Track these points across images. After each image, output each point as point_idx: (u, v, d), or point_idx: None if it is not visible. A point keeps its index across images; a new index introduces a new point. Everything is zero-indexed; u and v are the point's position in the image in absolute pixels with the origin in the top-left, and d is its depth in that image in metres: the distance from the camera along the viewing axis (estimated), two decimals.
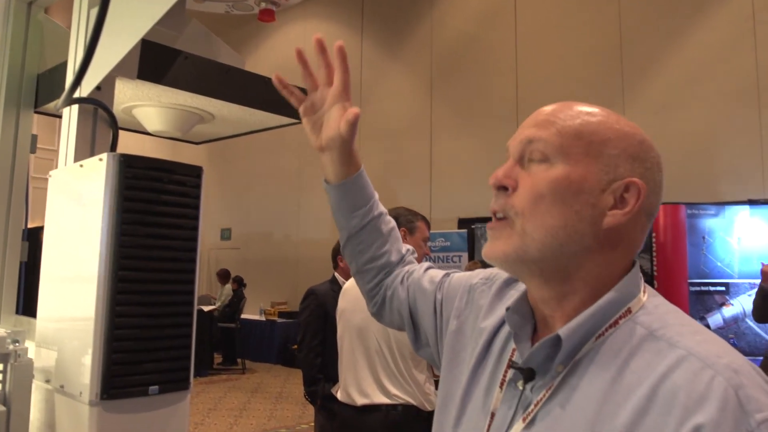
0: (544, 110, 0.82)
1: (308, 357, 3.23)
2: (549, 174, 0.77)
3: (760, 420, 0.61)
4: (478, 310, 0.97)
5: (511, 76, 9.13)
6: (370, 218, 1.12)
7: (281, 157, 11.79)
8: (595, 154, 0.77)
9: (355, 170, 1.08)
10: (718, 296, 5.85)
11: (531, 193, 0.77)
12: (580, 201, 0.76)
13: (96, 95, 1.62)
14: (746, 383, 0.63)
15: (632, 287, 0.77)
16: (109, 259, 1.32)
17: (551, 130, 0.78)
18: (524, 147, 0.80)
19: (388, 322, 1.17)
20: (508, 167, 0.81)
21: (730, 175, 6.98)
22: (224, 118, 2.23)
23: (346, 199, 1.10)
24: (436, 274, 1.11)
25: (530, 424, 0.75)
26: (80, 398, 1.33)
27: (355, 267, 1.16)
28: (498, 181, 0.80)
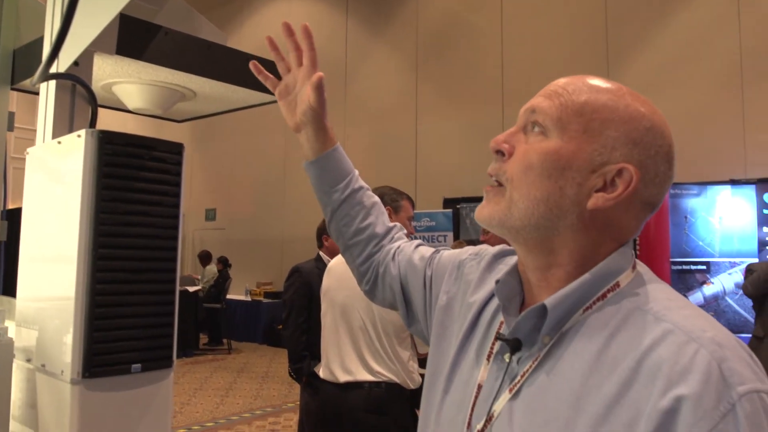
0: (559, 81, 0.81)
1: (294, 334, 3.23)
2: (542, 146, 0.77)
3: (742, 392, 0.61)
4: (466, 286, 0.97)
5: (496, 56, 9.10)
6: (350, 191, 1.14)
7: (266, 137, 11.70)
8: (593, 133, 0.76)
9: (331, 145, 1.12)
10: (699, 275, 5.94)
11: (522, 161, 0.78)
12: (565, 177, 0.75)
13: (74, 71, 1.59)
14: (730, 357, 0.64)
15: (622, 262, 0.77)
16: (89, 238, 1.30)
17: (555, 102, 0.78)
18: (528, 116, 0.80)
19: (380, 299, 1.17)
20: (510, 133, 0.81)
21: (713, 156, 7.05)
22: (206, 95, 2.20)
23: (325, 174, 1.13)
24: (427, 250, 1.12)
25: (516, 395, 0.75)
26: (62, 377, 1.32)
27: (342, 243, 1.18)
28: (497, 145, 0.81)
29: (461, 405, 0.84)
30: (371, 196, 1.18)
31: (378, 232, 1.16)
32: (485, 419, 0.78)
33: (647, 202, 0.78)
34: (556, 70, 0.86)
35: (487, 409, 0.78)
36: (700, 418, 0.60)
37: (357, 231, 1.15)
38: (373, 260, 1.15)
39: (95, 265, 1.30)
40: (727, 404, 0.61)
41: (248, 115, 10.35)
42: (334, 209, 1.15)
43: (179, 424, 5.69)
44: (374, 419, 2.40)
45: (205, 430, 5.57)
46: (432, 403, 0.91)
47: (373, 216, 1.16)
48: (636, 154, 0.76)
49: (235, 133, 12.41)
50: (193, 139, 12.96)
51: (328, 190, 1.14)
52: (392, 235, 1.18)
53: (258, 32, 12.13)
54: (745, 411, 0.60)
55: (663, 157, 0.78)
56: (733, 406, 0.61)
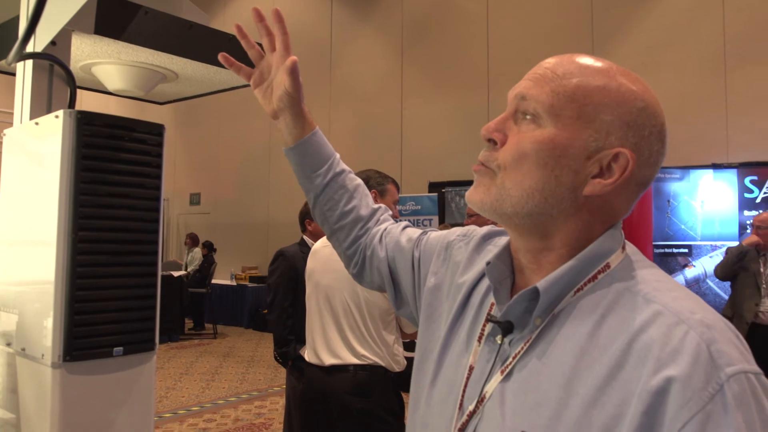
0: (547, 62, 0.79)
1: (279, 318, 3.22)
2: (535, 134, 0.75)
3: (730, 373, 0.62)
4: (455, 267, 0.97)
5: (482, 39, 9.07)
6: (332, 175, 1.13)
7: (251, 121, 11.60)
8: (587, 119, 0.74)
9: (310, 130, 1.11)
10: (681, 258, 6.01)
11: (515, 150, 0.76)
12: (561, 165, 0.74)
13: (51, 51, 1.56)
14: (718, 338, 0.65)
15: (612, 243, 0.77)
16: (68, 220, 1.28)
17: (545, 89, 0.75)
18: (518, 102, 0.78)
19: (368, 282, 1.17)
20: (500, 120, 0.79)
21: (695, 140, 7.10)
22: (188, 76, 2.18)
23: (306, 159, 1.12)
24: (414, 232, 1.11)
25: (508, 377, 0.76)
26: (42, 360, 1.31)
27: (328, 228, 1.17)
28: (488, 134, 0.79)
29: (452, 386, 0.84)
30: (354, 178, 1.17)
31: (363, 214, 1.15)
32: (477, 400, 0.78)
33: (641, 182, 0.78)
34: (542, 53, 0.84)
35: (479, 391, 0.78)
36: (689, 399, 0.61)
37: (342, 215, 1.14)
38: (360, 243, 1.14)
39: (75, 247, 1.29)
40: (715, 385, 0.61)
41: (232, 98, 10.29)
42: (317, 194, 1.14)
43: (165, 409, 5.69)
44: (359, 402, 2.41)
45: (191, 414, 5.57)
46: (422, 384, 0.91)
47: (357, 199, 1.15)
48: (631, 137, 0.74)
49: (219, 116, 12.29)
50: (177, 122, 12.82)
51: (309, 176, 1.13)
52: (378, 217, 1.17)
53: (242, 14, 11.97)
54: (733, 391, 0.61)
55: (656, 136, 0.76)
56: (721, 387, 0.61)
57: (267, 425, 5.22)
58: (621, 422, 0.64)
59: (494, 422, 0.74)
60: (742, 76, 6.98)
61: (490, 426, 0.75)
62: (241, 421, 5.38)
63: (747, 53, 6.98)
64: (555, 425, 0.68)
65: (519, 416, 0.72)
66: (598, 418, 0.65)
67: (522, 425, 0.70)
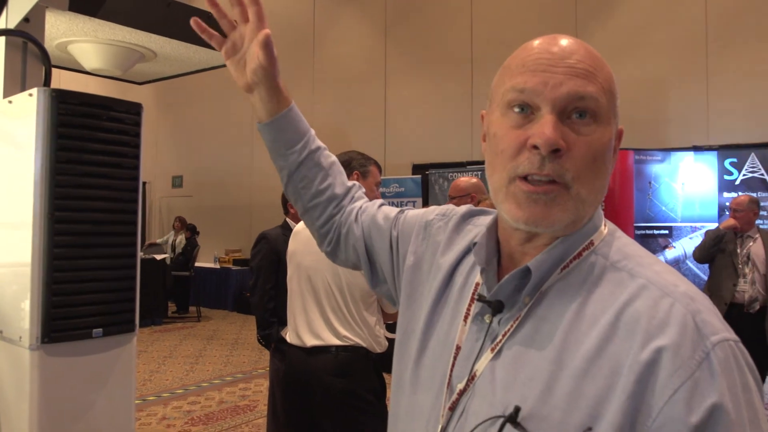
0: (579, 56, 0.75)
1: (261, 301, 3.22)
2: (602, 136, 0.74)
3: (715, 341, 0.66)
4: (435, 246, 0.97)
5: (465, 20, 9.02)
6: (308, 152, 1.11)
7: (233, 102, 11.47)
8: (615, 110, 0.78)
9: (286, 105, 1.08)
10: (662, 239, 6.08)
11: (587, 156, 0.73)
12: (611, 159, 0.77)
13: (24, 28, 1.52)
14: (702, 309, 0.68)
15: (596, 221, 0.79)
16: (44, 201, 1.26)
17: (597, 86, 0.74)
18: (571, 102, 0.73)
19: (343, 260, 1.15)
20: (556, 125, 0.72)
21: (677, 122, 7.16)
22: (167, 55, 2.14)
23: (281, 136, 1.09)
24: (390, 210, 1.10)
25: (498, 354, 0.76)
26: (20, 343, 1.30)
27: (301, 207, 1.15)
28: (553, 144, 0.71)
29: (438, 365, 0.84)
30: (329, 155, 1.15)
31: (338, 192, 1.13)
32: (467, 379, 0.78)
33: None
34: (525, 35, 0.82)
35: (469, 369, 0.78)
36: (678, 367, 0.64)
37: (316, 193, 1.12)
38: (334, 221, 1.13)
39: (52, 229, 1.27)
40: (702, 353, 0.65)
41: (215, 79, 10.15)
42: (291, 172, 1.11)
43: (149, 392, 5.68)
44: (341, 383, 2.42)
45: (175, 397, 5.57)
46: (405, 363, 0.91)
47: (332, 177, 1.13)
48: (618, 112, 0.79)
49: (201, 98, 12.14)
50: (159, 104, 12.65)
51: (284, 153, 1.10)
52: (352, 194, 1.16)
53: None
54: (718, 358, 0.65)
55: None
56: (707, 355, 0.65)
57: (251, 407, 5.23)
58: (612, 392, 0.66)
59: (486, 399, 0.75)
60: (724, 58, 7.03)
61: (482, 402, 0.75)
62: (226, 403, 5.39)
63: (728, 35, 7.02)
64: (547, 397, 0.69)
65: (511, 391, 0.73)
66: (590, 388, 0.67)
67: (515, 399, 0.71)
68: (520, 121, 0.74)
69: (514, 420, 0.69)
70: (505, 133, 0.75)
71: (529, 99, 0.74)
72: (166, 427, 4.74)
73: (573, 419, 0.67)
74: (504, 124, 0.76)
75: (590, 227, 0.78)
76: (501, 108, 0.77)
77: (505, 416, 0.70)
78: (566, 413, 0.68)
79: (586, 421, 0.66)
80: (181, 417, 5.00)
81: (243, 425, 4.80)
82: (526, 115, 0.74)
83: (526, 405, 0.70)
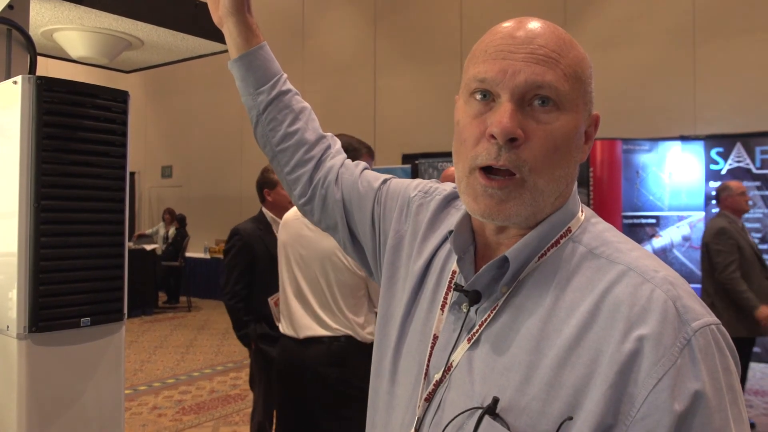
0: (540, 40, 0.72)
1: (231, 302, 3.16)
2: (563, 124, 0.72)
3: (696, 327, 0.65)
4: (416, 227, 0.95)
5: (455, 10, 8.99)
6: (277, 93, 1.08)
7: (223, 92, 11.39)
8: (584, 94, 0.75)
9: (256, 43, 1.07)
10: (649, 228, 6.12)
11: (546, 146, 0.71)
12: (577, 146, 0.75)
13: (8, 15, 1.50)
14: (683, 294, 0.67)
15: (573, 207, 0.78)
16: (30, 190, 1.25)
17: (558, 73, 0.71)
18: (529, 90, 0.71)
19: (317, 221, 1.11)
20: (512, 114, 0.70)
21: (664, 111, 7.19)
22: (154, 44, 2.12)
23: (250, 73, 1.07)
24: (374, 179, 1.06)
25: (475, 345, 0.75)
26: (7, 332, 1.29)
27: (270, 151, 1.11)
28: (510, 133, 0.69)
29: (416, 355, 0.83)
30: (300, 101, 1.11)
31: (308, 138, 1.09)
32: (443, 369, 0.77)
33: None
34: None
35: (445, 360, 0.78)
36: (661, 356, 0.64)
37: (285, 136, 1.08)
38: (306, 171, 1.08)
39: (39, 218, 1.26)
40: (683, 340, 0.64)
41: (204, 68, 9.98)
42: (259, 112, 1.08)
43: (140, 382, 5.67)
44: (335, 372, 2.44)
45: (166, 386, 5.57)
46: (384, 350, 0.90)
47: (302, 121, 1.09)
48: (593, 97, 0.77)
49: (190, 87, 12.06)
50: (148, 94, 12.55)
51: (252, 92, 1.08)
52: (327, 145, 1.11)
53: None
54: (699, 344, 0.64)
55: None
56: (688, 341, 0.64)
57: (242, 396, 5.24)
58: (592, 381, 0.65)
59: (463, 389, 0.74)
60: (711, 48, 7.06)
61: (459, 394, 0.74)
62: (217, 392, 5.40)
63: (716, 26, 7.04)
64: (525, 387, 0.68)
65: (489, 382, 0.72)
66: (569, 378, 0.66)
67: (492, 390, 0.70)
68: (482, 108, 0.73)
69: (492, 412, 0.68)
70: (468, 122, 0.75)
71: (489, 87, 0.72)
72: (157, 417, 4.75)
73: (552, 409, 0.66)
74: (467, 112, 0.75)
75: (567, 214, 0.77)
76: (464, 95, 0.76)
77: (483, 408, 0.69)
78: (545, 403, 0.66)
79: (566, 411, 0.65)
80: (172, 406, 5.01)
81: (234, 414, 4.82)
82: (488, 102, 0.73)
83: (505, 396, 0.69)
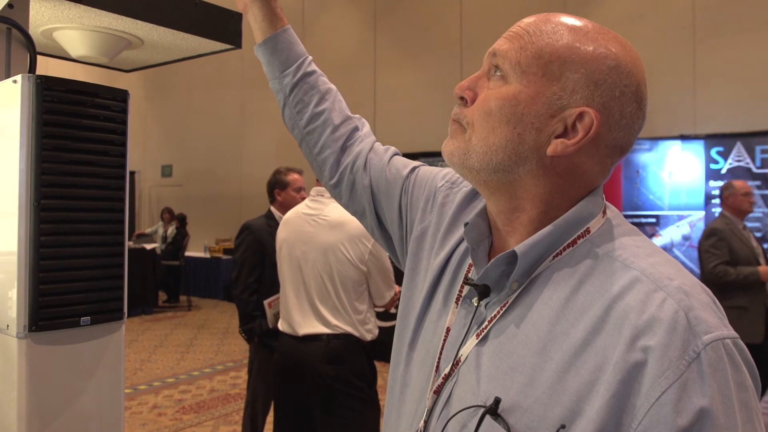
0: (523, 22, 0.78)
1: (243, 295, 3.19)
2: (501, 91, 0.74)
3: (707, 341, 0.62)
4: (440, 219, 0.95)
5: (455, 8, 8.99)
6: (302, 74, 1.10)
7: (223, 92, 11.40)
8: (552, 77, 0.72)
9: (281, 26, 1.09)
10: (649, 227, 6.13)
11: (482, 107, 0.76)
12: (524, 123, 0.72)
13: (8, 14, 1.50)
14: (696, 305, 0.64)
15: (592, 207, 0.76)
16: (30, 189, 1.25)
17: (515, 45, 0.74)
18: (490, 59, 0.77)
19: (345, 203, 1.12)
20: (474, 77, 0.79)
21: (664, 111, 7.19)
22: (154, 43, 2.12)
23: (275, 57, 1.09)
24: (403, 165, 1.06)
25: (483, 340, 0.75)
26: (8, 331, 1.29)
27: (298, 134, 1.12)
28: (460, 91, 0.79)
29: (430, 347, 0.83)
30: (326, 81, 1.13)
31: (335, 118, 1.10)
32: (452, 363, 0.77)
33: (614, 145, 0.75)
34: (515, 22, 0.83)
35: (455, 354, 0.77)
36: (666, 368, 0.61)
37: (312, 117, 1.10)
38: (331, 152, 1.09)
39: (39, 217, 1.26)
40: (692, 353, 0.61)
41: (204, 68, 9.98)
42: (286, 95, 1.10)
43: (140, 381, 5.68)
44: (333, 370, 2.44)
45: (166, 386, 5.57)
46: (404, 340, 0.90)
47: (328, 101, 1.11)
48: (598, 96, 0.72)
49: (190, 87, 12.05)
50: (148, 93, 12.54)
51: (279, 75, 1.09)
52: (354, 125, 1.12)
53: None
54: (710, 359, 0.61)
55: (630, 97, 0.74)
56: (698, 355, 0.61)
57: (242, 396, 5.24)
58: (595, 388, 0.63)
59: (469, 386, 0.74)
60: (711, 47, 7.06)
61: (465, 391, 0.74)
62: (217, 391, 5.40)
63: (716, 24, 7.04)
64: (528, 390, 0.67)
65: (493, 381, 0.71)
66: (572, 383, 0.65)
67: (496, 390, 0.70)
68: None
69: (494, 412, 0.68)
70: None
71: None
72: (157, 416, 4.75)
73: (554, 414, 0.65)
74: None
75: (584, 213, 0.75)
76: None
77: (485, 407, 0.69)
78: (547, 407, 0.65)
79: (567, 417, 0.64)
80: (173, 406, 5.01)
81: (234, 413, 4.82)
82: None
83: (508, 396, 0.68)
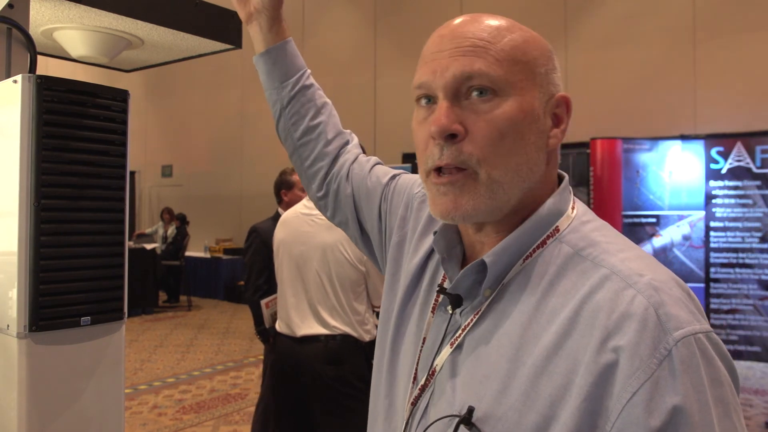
0: (463, 31, 0.72)
1: (254, 297, 3.21)
2: (504, 110, 0.70)
3: (678, 337, 0.61)
4: (416, 224, 0.94)
5: (455, 9, 8.99)
6: (301, 87, 1.10)
7: (223, 92, 11.40)
8: (531, 76, 0.72)
9: (283, 38, 1.09)
10: (650, 228, 6.12)
11: (490, 135, 0.69)
12: (533, 131, 0.72)
13: (8, 14, 1.50)
14: (666, 301, 0.63)
15: (560, 204, 0.75)
16: (30, 189, 1.25)
17: (488, 59, 0.70)
18: (460, 83, 0.70)
19: (330, 215, 1.13)
20: (447, 111, 0.70)
21: (664, 111, 7.19)
22: (154, 43, 2.12)
23: (276, 67, 1.09)
24: (383, 174, 1.07)
25: (458, 349, 0.74)
26: (8, 331, 1.29)
27: (291, 145, 1.12)
28: (447, 129, 0.69)
29: (408, 356, 0.83)
30: (323, 96, 1.14)
31: (329, 133, 1.11)
32: (428, 373, 0.77)
33: None
34: None
35: (430, 363, 0.77)
36: (637, 368, 0.60)
37: (306, 130, 1.10)
38: (322, 166, 1.10)
39: (39, 217, 1.26)
40: (663, 350, 0.60)
41: (204, 68, 10.00)
42: (283, 106, 1.10)
43: (140, 381, 5.68)
44: (332, 370, 2.44)
45: (166, 386, 5.57)
46: (383, 347, 0.90)
47: (324, 116, 1.11)
48: (555, 79, 0.75)
49: (191, 87, 12.06)
50: (148, 93, 12.55)
51: (277, 86, 1.09)
52: (344, 140, 1.13)
53: None
54: (681, 356, 0.60)
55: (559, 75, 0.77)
56: (669, 352, 0.60)
57: (242, 395, 5.24)
58: (568, 392, 0.62)
59: (445, 396, 0.73)
60: (711, 48, 7.06)
61: (441, 400, 0.73)
62: (217, 391, 5.40)
63: (716, 25, 7.04)
64: (502, 398, 0.66)
65: (468, 390, 0.70)
66: (546, 388, 0.64)
67: (470, 399, 0.69)
68: (425, 113, 0.74)
69: (467, 421, 0.67)
70: (416, 129, 0.76)
71: (428, 91, 0.73)
72: (157, 416, 4.75)
73: (528, 420, 0.64)
74: (416, 119, 0.76)
75: (553, 212, 0.74)
76: (415, 104, 0.77)
77: (459, 416, 0.68)
78: (521, 414, 0.64)
79: (542, 423, 0.63)
80: (173, 405, 5.01)
81: (234, 413, 4.82)
82: (430, 105, 0.74)
83: (482, 405, 0.67)
